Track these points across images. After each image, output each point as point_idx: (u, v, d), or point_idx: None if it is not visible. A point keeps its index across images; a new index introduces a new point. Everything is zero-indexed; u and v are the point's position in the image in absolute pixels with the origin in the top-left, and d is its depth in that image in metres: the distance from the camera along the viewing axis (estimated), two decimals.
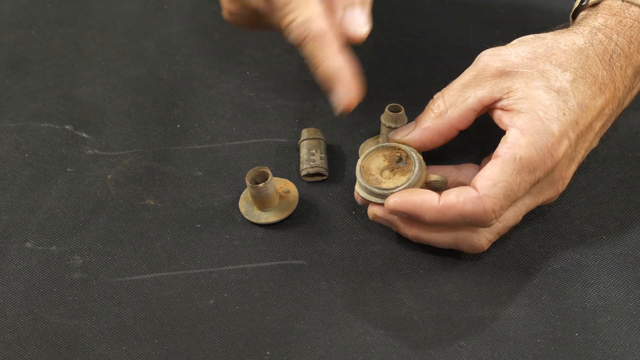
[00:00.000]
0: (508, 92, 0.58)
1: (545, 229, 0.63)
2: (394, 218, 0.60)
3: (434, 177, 0.60)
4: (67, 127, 0.73)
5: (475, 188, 0.55)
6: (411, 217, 0.57)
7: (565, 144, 0.56)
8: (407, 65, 0.77)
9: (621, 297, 0.59)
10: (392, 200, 0.57)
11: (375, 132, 0.70)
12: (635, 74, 0.60)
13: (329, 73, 0.57)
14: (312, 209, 0.66)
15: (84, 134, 0.72)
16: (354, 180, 0.67)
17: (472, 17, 0.81)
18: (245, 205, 0.66)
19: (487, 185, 0.55)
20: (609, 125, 0.61)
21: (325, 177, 0.68)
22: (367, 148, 0.69)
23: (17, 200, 0.68)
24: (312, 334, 0.59)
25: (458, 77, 0.60)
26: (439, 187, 0.60)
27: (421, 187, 0.59)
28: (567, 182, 0.59)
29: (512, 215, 0.58)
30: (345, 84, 0.57)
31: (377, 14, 0.81)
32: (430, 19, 0.81)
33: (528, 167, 0.55)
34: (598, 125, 0.59)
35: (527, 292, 0.60)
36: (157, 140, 0.72)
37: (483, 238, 0.58)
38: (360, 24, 0.58)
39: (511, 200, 0.56)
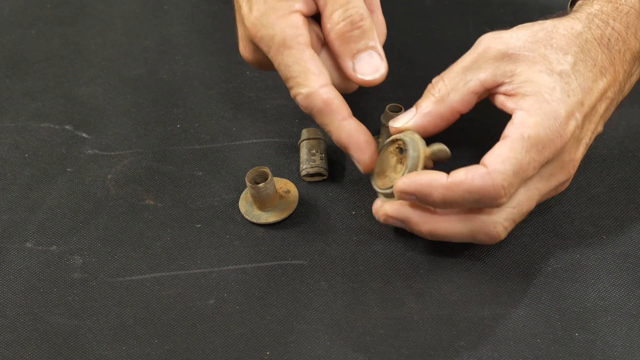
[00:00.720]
0: (511, 76, 0.57)
1: (545, 229, 0.63)
2: (407, 214, 0.59)
3: (433, 147, 0.59)
4: (67, 127, 0.73)
5: (484, 165, 0.55)
6: (420, 199, 0.57)
7: (572, 125, 0.56)
8: (407, 65, 0.77)
9: (621, 297, 0.59)
10: (400, 182, 0.57)
11: (375, 132, 0.70)
12: (633, 59, 0.60)
13: (340, 142, 0.60)
14: (312, 209, 0.66)
15: (84, 134, 0.72)
16: (354, 180, 0.67)
17: (472, 17, 0.82)
18: (245, 205, 0.66)
19: (496, 161, 0.55)
20: (612, 110, 0.61)
21: (325, 177, 0.68)
22: None
23: (17, 200, 0.68)
24: (312, 334, 0.59)
25: (458, 60, 0.60)
26: (442, 157, 0.59)
27: (424, 164, 0.59)
28: (577, 164, 0.59)
29: (525, 200, 0.57)
30: (357, 151, 0.60)
31: None
32: (430, 19, 0.81)
33: (537, 146, 0.55)
34: (602, 107, 0.59)
35: (527, 292, 0.60)
36: (157, 140, 0.72)
37: (499, 225, 0.57)
38: (372, 69, 0.60)
39: (521, 177, 0.55)
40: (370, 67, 0.60)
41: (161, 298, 0.61)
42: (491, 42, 0.59)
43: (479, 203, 0.56)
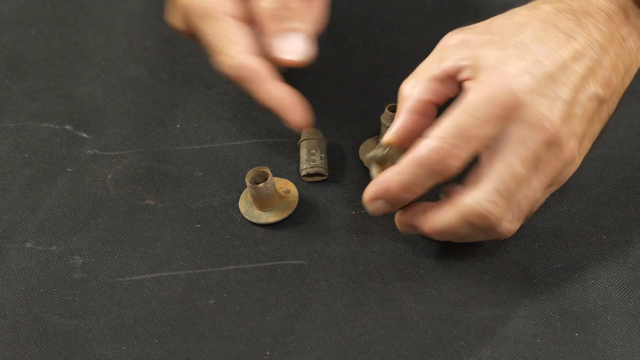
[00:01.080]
0: (470, 59, 0.57)
1: (545, 228, 0.63)
2: (411, 219, 0.59)
3: (376, 151, 0.60)
4: (67, 127, 0.73)
5: (424, 136, 0.55)
6: (387, 200, 0.57)
7: (527, 79, 0.54)
8: (407, 66, 0.76)
9: (621, 297, 0.59)
10: (364, 193, 0.58)
11: (375, 132, 0.70)
12: (609, 19, 0.58)
13: (270, 106, 0.61)
14: (312, 209, 0.66)
15: (84, 134, 0.72)
16: (354, 180, 0.67)
17: (472, 17, 0.81)
18: (245, 205, 0.66)
19: (434, 129, 0.55)
20: (605, 73, 0.57)
21: (325, 177, 0.68)
22: (367, 148, 0.69)
23: (17, 200, 0.68)
24: (312, 334, 0.59)
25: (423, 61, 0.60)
26: (382, 158, 0.60)
27: (380, 169, 0.60)
28: (556, 123, 0.55)
29: (503, 169, 0.54)
30: (287, 112, 0.61)
31: (378, 13, 0.81)
32: (430, 19, 0.81)
33: (479, 106, 0.54)
34: (580, 67, 0.56)
35: (527, 292, 0.60)
36: (157, 140, 0.72)
37: (484, 202, 0.55)
38: (295, 49, 0.61)
39: (465, 138, 0.54)
40: (294, 47, 0.60)
41: (161, 298, 0.61)
42: (451, 35, 0.59)
43: (436, 175, 0.55)
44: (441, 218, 0.57)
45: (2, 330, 0.60)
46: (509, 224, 0.56)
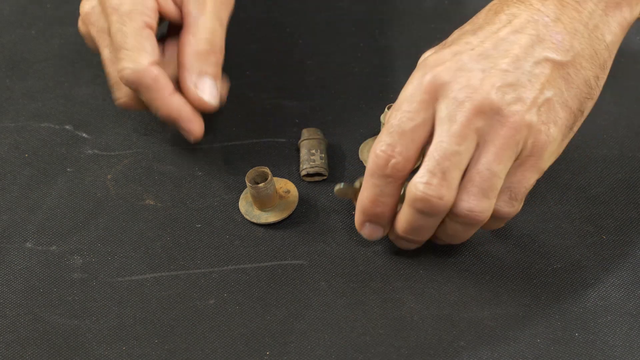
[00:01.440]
0: None
1: (545, 228, 0.63)
2: (393, 231, 0.60)
3: (339, 186, 0.62)
4: (67, 127, 0.73)
5: None
6: (368, 219, 0.58)
7: (448, 63, 0.55)
8: (407, 66, 0.77)
9: (621, 297, 0.59)
10: (356, 225, 0.59)
11: (375, 132, 0.70)
12: None
13: (170, 115, 0.64)
14: (312, 209, 0.66)
15: (84, 134, 0.72)
16: (354, 180, 0.67)
17: (470, 17, 0.81)
18: (245, 205, 0.66)
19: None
20: (567, 38, 0.56)
21: (325, 177, 0.68)
22: (367, 148, 0.69)
23: (17, 200, 0.68)
24: (312, 334, 0.59)
25: None
26: (349, 191, 0.62)
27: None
28: (486, 90, 0.54)
29: (435, 151, 0.54)
30: (187, 122, 0.64)
31: (378, 13, 0.82)
32: (430, 20, 0.81)
33: (405, 99, 0.55)
34: (519, 39, 0.56)
35: (527, 292, 0.60)
36: (157, 140, 0.72)
37: (419, 184, 0.54)
38: (213, 93, 0.65)
39: (401, 134, 0.55)
40: (212, 90, 0.65)
41: (161, 298, 0.61)
42: (423, 55, 0.59)
43: (390, 178, 0.56)
44: (400, 215, 0.58)
45: (2, 330, 0.60)
46: (468, 204, 0.55)
